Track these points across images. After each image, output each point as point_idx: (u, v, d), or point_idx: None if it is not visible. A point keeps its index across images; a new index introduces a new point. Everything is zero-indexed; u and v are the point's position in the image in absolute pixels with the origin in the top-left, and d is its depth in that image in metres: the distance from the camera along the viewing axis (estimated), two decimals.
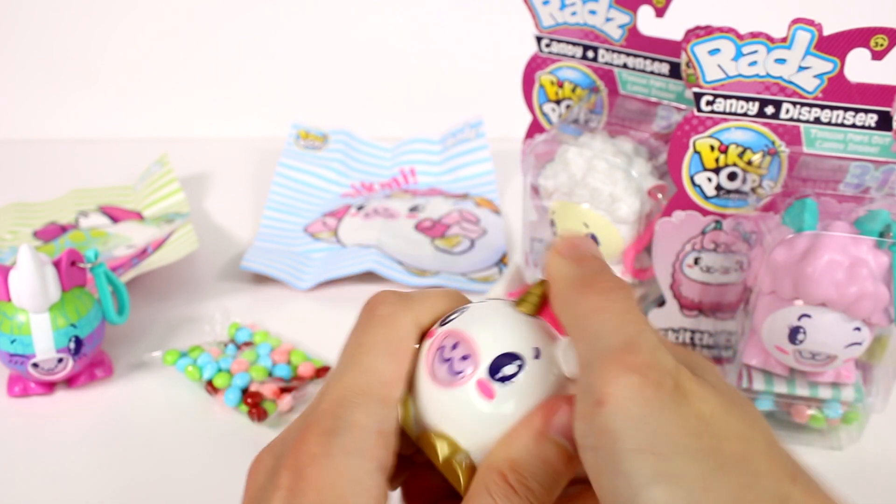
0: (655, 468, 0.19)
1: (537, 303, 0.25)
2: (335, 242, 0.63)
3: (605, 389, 0.20)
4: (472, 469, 0.24)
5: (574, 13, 0.51)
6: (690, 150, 0.46)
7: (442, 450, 0.24)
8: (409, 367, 0.25)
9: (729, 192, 0.46)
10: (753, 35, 0.41)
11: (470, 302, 0.27)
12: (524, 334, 0.24)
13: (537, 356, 0.24)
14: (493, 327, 0.25)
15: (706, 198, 0.47)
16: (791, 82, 0.42)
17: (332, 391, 0.24)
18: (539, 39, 0.54)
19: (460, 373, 0.24)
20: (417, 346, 0.26)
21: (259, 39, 0.82)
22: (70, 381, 0.48)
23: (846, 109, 0.42)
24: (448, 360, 0.24)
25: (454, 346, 0.24)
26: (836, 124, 0.42)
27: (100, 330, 0.47)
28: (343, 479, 0.22)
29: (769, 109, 0.43)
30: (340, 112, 0.81)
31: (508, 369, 0.24)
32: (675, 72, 0.50)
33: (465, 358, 0.24)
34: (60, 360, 0.45)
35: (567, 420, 0.23)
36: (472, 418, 0.24)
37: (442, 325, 0.26)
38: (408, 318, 0.25)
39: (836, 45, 0.40)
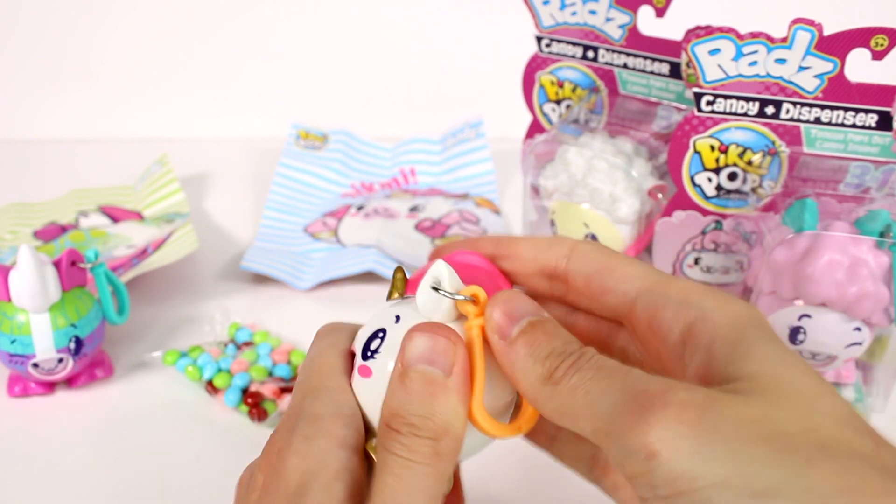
0: (746, 489, 0.18)
1: (401, 287, 0.27)
2: (335, 242, 0.63)
3: (645, 442, 0.19)
4: None
5: (574, 13, 0.51)
6: (691, 150, 0.46)
7: (370, 443, 0.26)
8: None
9: (729, 192, 0.46)
10: (753, 35, 0.41)
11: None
12: (391, 312, 0.26)
13: (398, 320, 0.25)
14: (370, 322, 0.26)
15: (706, 198, 0.47)
16: (791, 82, 0.42)
17: (295, 394, 0.26)
18: (539, 39, 0.54)
19: (354, 370, 0.26)
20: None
21: (259, 39, 0.82)
22: (70, 381, 0.48)
23: (846, 109, 0.42)
24: (353, 367, 0.26)
25: (352, 355, 0.27)
26: (837, 124, 0.42)
27: (100, 330, 0.47)
28: (306, 460, 0.23)
29: (769, 109, 0.43)
30: (340, 112, 0.81)
31: (373, 344, 0.25)
32: (675, 72, 0.50)
33: (354, 357, 0.26)
34: (60, 360, 0.45)
35: (421, 346, 0.24)
36: (367, 399, 0.25)
37: None
38: (344, 326, 0.28)
39: (836, 45, 0.40)
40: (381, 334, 0.25)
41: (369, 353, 0.25)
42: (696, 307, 0.23)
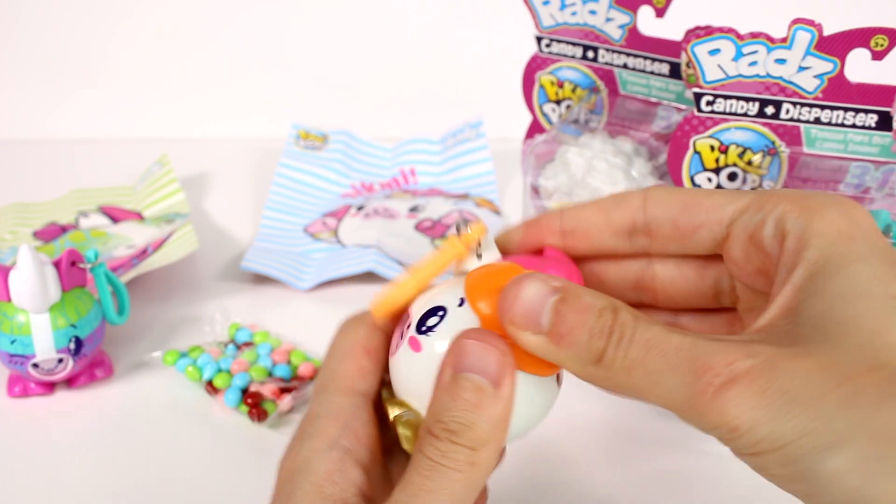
0: (822, 442, 0.19)
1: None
2: (335, 242, 0.63)
3: (723, 421, 0.20)
4: (416, 426, 0.25)
5: (574, 13, 0.51)
6: (691, 151, 0.46)
7: (392, 412, 0.25)
8: (377, 358, 0.27)
9: None
10: (753, 35, 0.41)
11: None
12: (455, 290, 0.25)
13: (461, 304, 0.24)
14: (430, 294, 0.26)
15: None
16: (791, 82, 0.42)
17: (313, 396, 0.27)
18: (539, 39, 0.54)
19: (402, 339, 0.25)
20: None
21: (259, 40, 0.82)
22: (70, 382, 0.48)
23: (846, 109, 0.42)
24: (401, 333, 0.26)
25: (406, 323, 0.26)
26: (837, 124, 0.42)
27: (100, 330, 0.47)
28: (295, 461, 0.24)
29: (769, 109, 0.43)
30: (340, 112, 0.81)
31: (431, 321, 0.25)
32: (675, 72, 0.50)
33: (407, 325, 0.25)
34: (60, 361, 0.45)
35: (475, 356, 0.23)
36: (408, 374, 0.25)
37: None
38: (364, 324, 0.27)
39: (836, 45, 0.40)
40: (440, 312, 0.25)
41: (424, 329, 0.25)
42: (793, 224, 0.22)
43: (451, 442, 0.23)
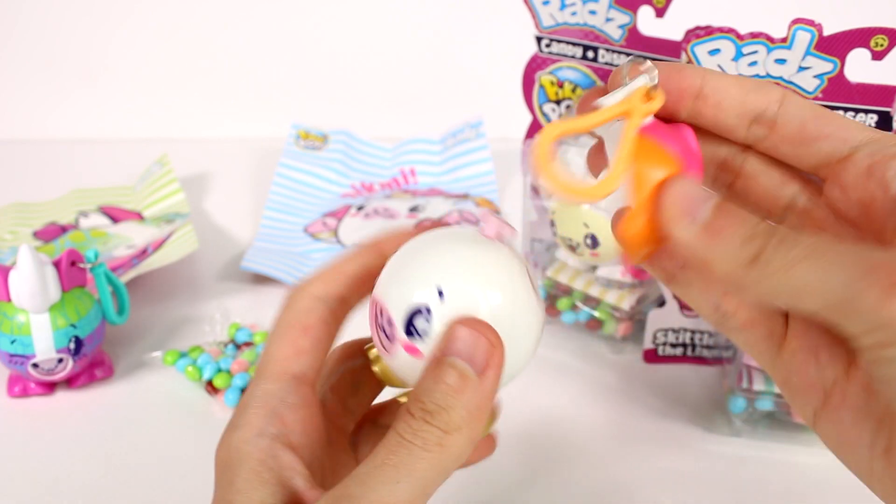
0: None
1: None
2: (335, 242, 0.63)
3: (883, 315, 0.19)
4: None
5: (574, 13, 0.51)
6: None
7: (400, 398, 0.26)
8: (316, 336, 0.27)
9: None
10: (753, 35, 0.41)
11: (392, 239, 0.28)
12: (428, 273, 0.25)
13: (441, 294, 0.24)
14: (400, 281, 0.25)
15: None
16: (791, 82, 0.42)
17: (251, 380, 0.28)
18: (539, 39, 0.54)
19: (391, 340, 0.25)
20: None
21: (259, 40, 0.82)
22: (70, 381, 0.48)
23: (846, 110, 0.42)
24: (382, 328, 0.25)
25: (380, 313, 0.25)
26: None
27: (100, 330, 0.47)
28: (228, 451, 0.25)
29: None
30: (340, 112, 0.81)
31: (420, 324, 0.24)
32: None
33: (390, 324, 0.25)
34: (60, 361, 0.45)
35: (466, 342, 0.23)
36: (416, 377, 0.25)
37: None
38: (305, 297, 0.27)
39: (836, 45, 0.40)
40: (426, 314, 0.24)
41: (414, 332, 0.24)
42: None
43: (424, 421, 0.23)
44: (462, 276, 0.24)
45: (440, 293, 0.24)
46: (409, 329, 0.24)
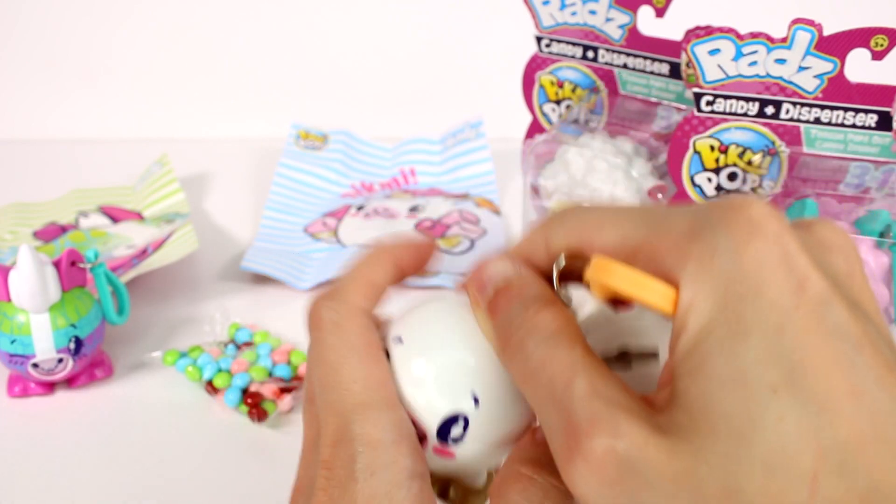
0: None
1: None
2: (335, 242, 0.63)
3: (574, 491, 0.18)
4: (465, 492, 0.25)
5: (574, 13, 0.51)
6: (691, 151, 0.46)
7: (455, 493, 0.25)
8: (385, 360, 0.24)
9: (729, 192, 0.46)
10: (753, 35, 0.41)
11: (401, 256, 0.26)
12: (461, 379, 0.23)
13: (477, 402, 0.23)
14: (425, 387, 0.23)
15: (706, 198, 0.47)
16: (791, 82, 0.42)
17: (329, 419, 0.23)
18: (539, 39, 0.54)
19: (420, 440, 0.23)
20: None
21: (259, 40, 0.82)
22: (70, 381, 0.48)
23: (846, 109, 0.42)
24: None
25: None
26: (836, 124, 0.42)
27: (100, 330, 0.47)
28: (374, 500, 0.21)
29: (769, 109, 0.43)
30: (340, 112, 0.81)
31: (455, 431, 0.23)
32: (675, 72, 0.50)
33: (415, 425, 0.23)
34: (60, 361, 0.45)
35: (534, 455, 0.22)
36: (446, 470, 0.24)
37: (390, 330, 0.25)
38: (357, 314, 0.24)
39: (836, 45, 0.40)
40: (462, 422, 0.23)
41: (450, 440, 0.23)
42: (683, 285, 0.18)
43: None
44: (490, 370, 0.23)
45: (476, 400, 0.23)
46: (444, 434, 0.23)
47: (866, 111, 0.41)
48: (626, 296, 0.20)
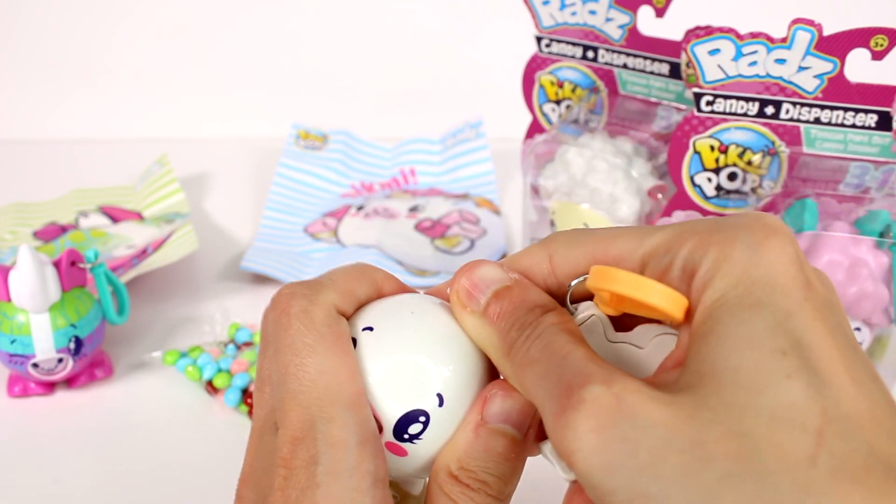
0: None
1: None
2: (335, 243, 0.63)
3: (564, 448, 0.18)
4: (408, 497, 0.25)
5: (574, 13, 0.51)
6: (690, 151, 0.46)
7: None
8: (352, 355, 0.23)
9: (729, 192, 0.46)
10: (753, 35, 0.41)
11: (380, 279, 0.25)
12: (429, 376, 0.22)
13: (441, 402, 0.22)
14: (393, 379, 0.22)
15: (706, 198, 0.47)
16: (791, 82, 0.42)
17: (290, 411, 0.22)
18: (539, 39, 0.54)
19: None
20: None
21: (259, 40, 0.82)
22: (70, 381, 0.48)
23: (846, 109, 0.42)
24: None
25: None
26: (836, 124, 0.42)
27: (100, 330, 0.47)
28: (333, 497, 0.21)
29: (769, 109, 0.43)
30: (340, 112, 0.81)
31: (413, 428, 0.22)
32: (675, 72, 0.50)
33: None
34: (60, 361, 0.45)
35: (505, 405, 0.22)
36: (392, 468, 0.23)
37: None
38: (328, 307, 0.23)
39: (836, 45, 0.40)
40: (421, 418, 0.22)
41: (407, 437, 0.22)
42: (699, 263, 0.20)
43: (484, 493, 0.22)
44: (460, 373, 0.23)
45: (440, 400, 0.22)
46: (401, 432, 0.22)
47: (866, 111, 0.41)
48: (629, 299, 0.20)
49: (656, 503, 0.17)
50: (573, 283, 0.23)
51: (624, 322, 0.23)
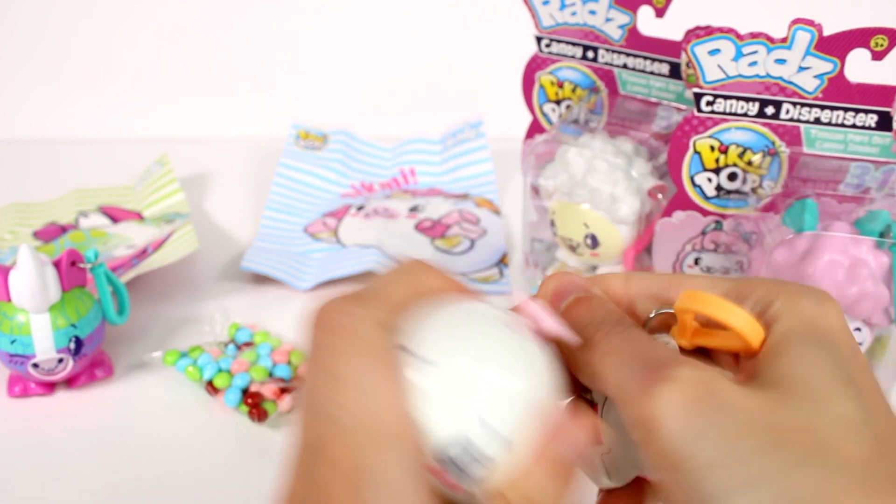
0: (732, 477, 0.19)
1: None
2: (335, 243, 0.63)
3: (648, 414, 0.20)
4: None
5: (574, 13, 0.51)
6: (691, 151, 0.46)
7: None
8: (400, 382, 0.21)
9: (729, 192, 0.46)
10: (753, 35, 0.41)
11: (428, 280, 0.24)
12: (464, 399, 0.21)
13: (498, 430, 0.21)
14: (433, 406, 0.21)
15: (706, 198, 0.47)
16: (791, 82, 0.42)
17: (333, 439, 0.20)
18: (539, 39, 0.54)
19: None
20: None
21: (259, 40, 0.82)
22: (70, 381, 0.48)
23: (846, 110, 0.42)
24: None
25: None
26: (836, 124, 0.42)
27: (100, 330, 0.47)
28: None
29: (769, 110, 0.43)
30: (340, 112, 0.81)
31: (465, 457, 0.21)
32: (675, 72, 0.50)
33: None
34: (60, 361, 0.45)
35: (577, 437, 0.22)
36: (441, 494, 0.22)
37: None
38: (374, 323, 0.21)
39: (836, 45, 0.40)
40: (476, 447, 0.21)
41: (457, 466, 0.21)
42: (769, 304, 0.23)
43: None
44: (504, 400, 0.21)
45: (498, 426, 0.21)
46: (450, 464, 0.21)
47: (866, 111, 0.41)
48: (708, 332, 0.23)
49: (730, 471, 0.19)
50: (653, 313, 0.25)
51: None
